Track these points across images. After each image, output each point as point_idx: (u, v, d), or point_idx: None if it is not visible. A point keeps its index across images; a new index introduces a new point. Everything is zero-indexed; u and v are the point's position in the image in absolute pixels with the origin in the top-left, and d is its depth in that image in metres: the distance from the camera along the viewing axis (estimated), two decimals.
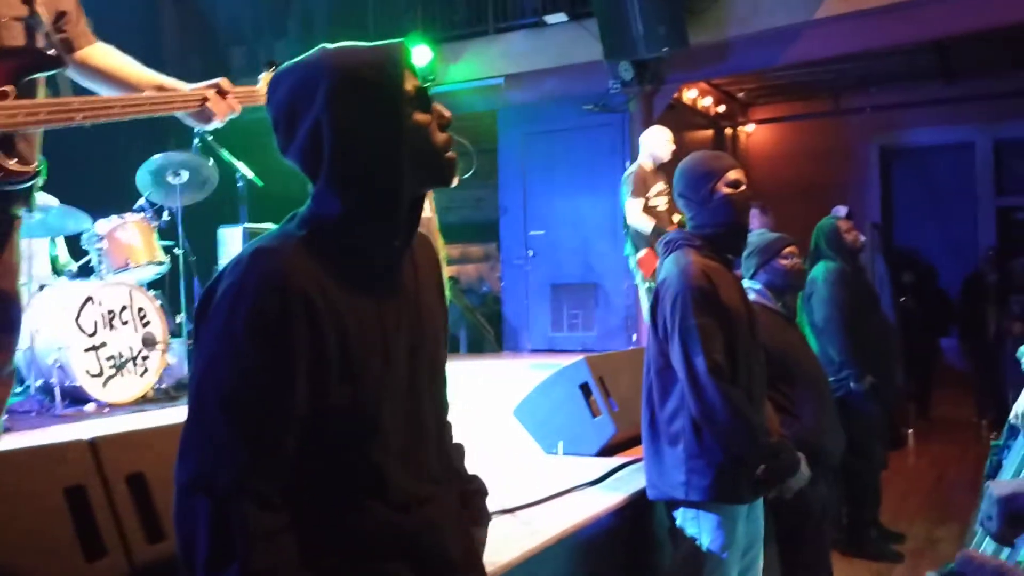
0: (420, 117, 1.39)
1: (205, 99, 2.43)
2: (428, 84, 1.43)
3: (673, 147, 5.98)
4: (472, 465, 1.67)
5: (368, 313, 1.37)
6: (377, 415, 1.35)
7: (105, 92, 2.39)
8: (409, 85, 1.38)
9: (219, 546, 1.22)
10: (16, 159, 2.10)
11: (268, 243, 1.34)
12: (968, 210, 10.24)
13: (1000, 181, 10.17)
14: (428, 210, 5.49)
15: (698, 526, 2.50)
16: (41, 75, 2.21)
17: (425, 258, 1.54)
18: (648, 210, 5.78)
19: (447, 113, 1.43)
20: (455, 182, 1.47)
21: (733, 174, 2.57)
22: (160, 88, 2.39)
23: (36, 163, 2.16)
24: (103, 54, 2.44)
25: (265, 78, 2.65)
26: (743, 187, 2.57)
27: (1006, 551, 1.68)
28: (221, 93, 2.47)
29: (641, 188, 5.80)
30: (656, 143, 6.02)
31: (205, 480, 1.24)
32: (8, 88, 2.09)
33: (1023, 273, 8.10)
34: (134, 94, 2.37)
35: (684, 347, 2.43)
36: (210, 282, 1.36)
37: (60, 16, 2.32)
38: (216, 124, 2.49)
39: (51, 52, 2.20)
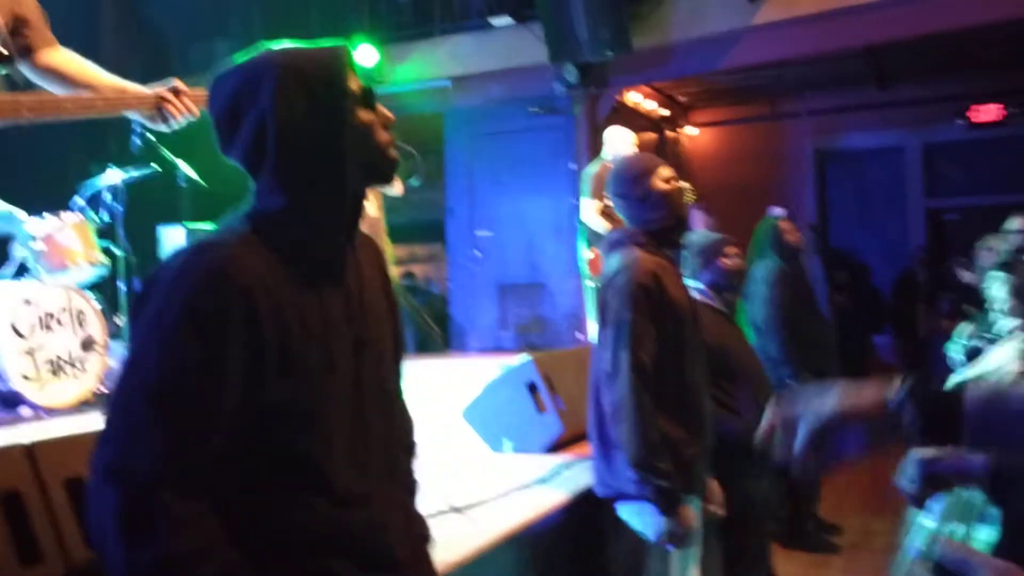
0: (364, 116, 1.41)
1: (161, 99, 2.42)
2: (372, 84, 1.44)
3: (635, 149, 6.01)
4: (421, 465, 1.67)
5: (310, 310, 1.36)
6: (318, 411, 1.35)
7: (64, 94, 2.39)
8: (354, 84, 1.41)
9: (134, 533, 1.19)
10: None
11: (211, 237, 1.35)
12: (899, 212, 10.54)
13: (930, 184, 10.50)
14: (375, 210, 5.47)
15: (642, 520, 2.54)
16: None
17: (369, 257, 1.54)
18: (606, 211, 5.79)
19: (390, 115, 1.45)
20: (397, 184, 1.50)
21: (665, 170, 2.66)
22: (118, 91, 2.39)
23: None
24: (64, 58, 2.44)
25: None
26: (675, 182, 2.65)
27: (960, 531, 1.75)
28: (177, 94, 2.46)
29: (599, 189, 5.78)
30: (620, 142, 6.08)
31: (123, 468, 1.22)
32: None
33: (953, 273, 8.37)
34: (87, 94, 2.35)
35: (615, 339, 2.47)
36: (152, 271, 1.35)
37: (21, 22, 2.31)
38: (174, 125, 2.48)
39: None
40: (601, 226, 5.77)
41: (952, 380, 2.99)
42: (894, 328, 9.27)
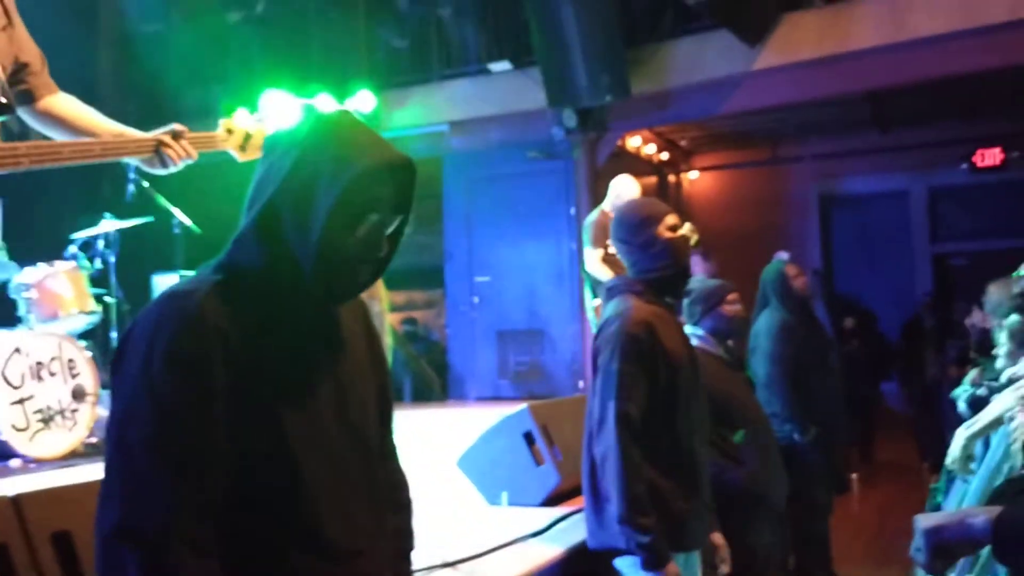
0: (367, 232, 1.35)
1: (160, 143, 2.41)
2: (405, 212, 1.42)
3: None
4: (416, 516, 1.65)
5: (289, 362, 1.35)
6: (300, 464, 1.33)
7: (66, 139, 2.40)
8: (382, 199, 1.36)
9: None
10: None
11: (182, 286, 1.35)
12: (905, 256, 10.51)
13: (934, 228, 10.47)
14: None
15: (637, 574, 2.45)
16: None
17: (352, 312, 1.53)
18: (608, 258, 5.74)
19: (387, 249, 1.41)
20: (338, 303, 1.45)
21: (671, 218, 2.62)
22: (117, 136, 2.41)
23: None
24: (65, 104, 2.48)
25: (224, 123, 2.65)
26: (680, 231, 2.62)
27: None
28: (176, 137, 2.45)
29: (601, 237, 5.74)
30: (625, 190, 5.98)
31: (132, 527, 1.21)
32: None
33: (961, 318, 8.29)
34: (85, 139, 2.37)
35: (603, 389, 2.44)
36: (127, 328, 1.35)
37: (21, 67, 2.33)
38: (172, 169, 2.47)
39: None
40: (604, 275, 5.72)
41: (960, 429, 2.91)
42: (901, 375, 9.17)
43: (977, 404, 3.74)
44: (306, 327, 1.39)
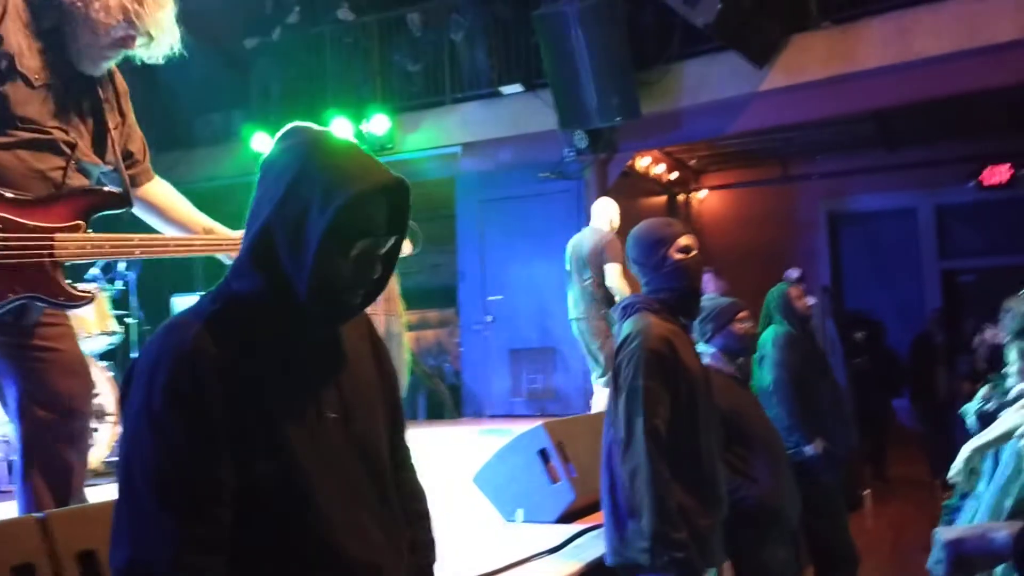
0: (360, 247, 1.36)
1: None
2: (400, 232, 1.43)
3: (617, 218, 6.41)
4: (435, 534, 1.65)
5: (292, 386, 1.36)
6: (310, 486, 1.33)
7: (158, 225, 2.66)
8: (378, 219, 1.37)
9: None
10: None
11: (180, 318, 1.35)
12: (914, 273, 10.50)
13: (943, 245, 10.48)
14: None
15: None
16: (109, 212, 2.46)
17: (355, 324, 1.52)
18: (626, 275, 5.87)
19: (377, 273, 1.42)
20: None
21: (684, 240, 2.64)
22: (207, 231, 2.62)
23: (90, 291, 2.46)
24: (161, 192, 2.71)
25: None
26: (694, 252, 2.65)
27: None
28: None
29: (620, 253, 5.86)
30: (615, 210, 6.35)
31: (141, 563, 1.22)
32: (80, 222, 2.38)
33: (972, 334, 8.29)
34: (187, 235, 2.63)
35: (628, 406, 2.45)
36: (130, 363, 1.36)
37: (129, 155, 2.53)
38: None
39: (119, 192, 2.48)
40: (625, 289, 5.91)
41: (968, 444, 2.94)
42: (913, 392, 9.14)
43: (985, 419, 3.77)
44: (305, 349, 1.40)
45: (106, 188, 2.49)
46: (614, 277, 6.09)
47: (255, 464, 1.29)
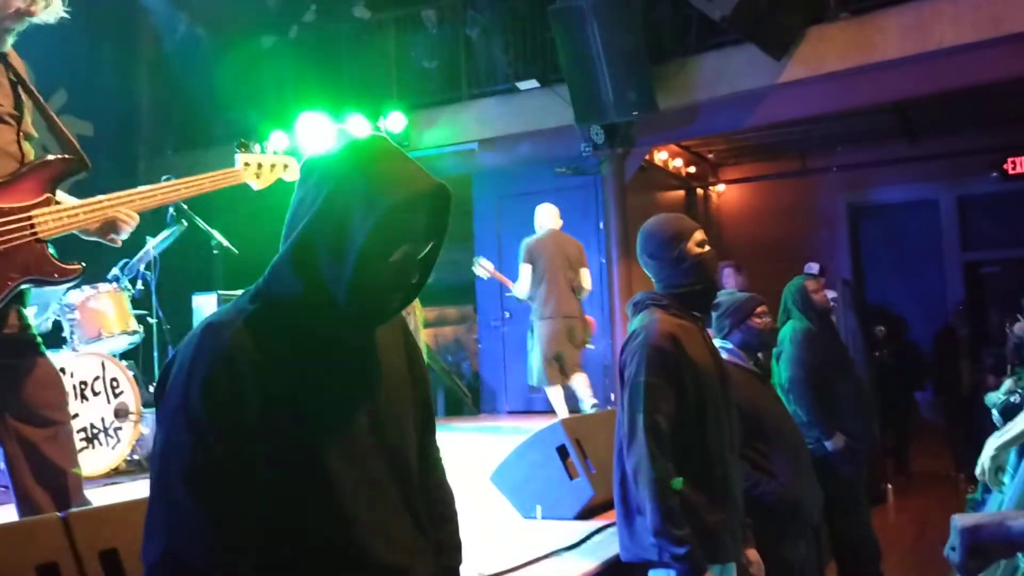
0: (401, 257, 1.37)
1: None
2: (439, 238, 1.44)
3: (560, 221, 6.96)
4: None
5: (324, 386, 1.37)
6: (339, 488, 1.35)
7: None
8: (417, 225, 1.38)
9: None
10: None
11: (218, 317, 1.36)
12: (935, 265, 10.40)
13: (965, 236, 10.37)
14: None
15: None
16: (71, 177, 2.49)
17: (389, 325, 1.53)
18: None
19: (419, 280, 1.44)
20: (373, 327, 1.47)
21: (699, 234, 2.65)
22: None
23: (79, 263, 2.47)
24: None
25: (240, 158, 2.84)
26: (708, 246, 2.65)
27: None
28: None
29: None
30: (551, 217, 6.88)
31: (175, 558, 1.23)
32: (49, 195, 2.39)
33: (997, 326, 8.21)
34: (149, 187, 2.65)
35: (631, 402, 2.46)
36: (167, 361, 1.37)
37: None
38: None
39: (74, 157, 2.49)
40: (522, 291, 6.59)
41: (990, 439, 2.90)
42: (936, 385, 9.06)
43: (1010, 412, 3.73)
44: (340, 352, 1.41)
45: (61, 156, 2.50)
46: (590, 280, 6.71)
47: (286, 463, 1.31)
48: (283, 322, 1.36)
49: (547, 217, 6.82)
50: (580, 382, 6.59)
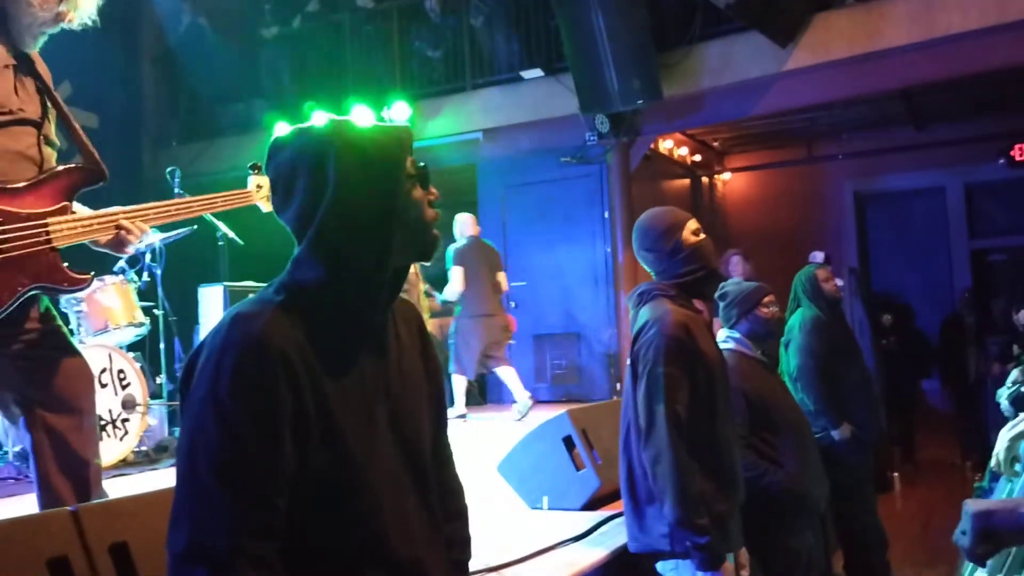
0: (417, 193, 1.45)
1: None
2: (425, 165, 1.48)
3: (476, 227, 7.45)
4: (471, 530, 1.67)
5: (348, 377, 1.39)
6: (360, 481, 1.36)
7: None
8: (410, 164, 1.44)
9: None
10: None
11: (246, 308, 1.37)
12: (943, 253, 10.36)
13: (972, 224, 10.33)
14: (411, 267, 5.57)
15: None
16: (88, 188, 2.50)
17: (407, 320, 1.56)
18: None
19: (436, 192, 1.49)
20: (432, 259, 1.53)
21: (693, 223, 2.67)
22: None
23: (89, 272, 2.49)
24: None
25: (253, 180, 2.85)
26: (703, 234, 2.66)
27: None
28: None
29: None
30: (469, 224, 7.35)
31: (202, 547, 1.24)
32: (66, 203, 2.40)
33: (1003, 314, 8.19)
34: (163, 202, 2.68)
35: (648, 393, 2.46)
36: (192, 352, 1.38)
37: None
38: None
39: (93, 167, 2.50)
40: (455, 293, 7.00)
41: (1003, 431, 2.90)
42: (943, 373, 9.04)
43: (1020, 402, 3.73)
44: (360, 343, 1.42)
45: (80, 165, 2.51)
46: (507, 282, 7.47)
47: (311, 453, 1.32)
48: (308, 311, 1.37)
49: (467, 225, 7.39)
50: (509, 375, 7.12)
